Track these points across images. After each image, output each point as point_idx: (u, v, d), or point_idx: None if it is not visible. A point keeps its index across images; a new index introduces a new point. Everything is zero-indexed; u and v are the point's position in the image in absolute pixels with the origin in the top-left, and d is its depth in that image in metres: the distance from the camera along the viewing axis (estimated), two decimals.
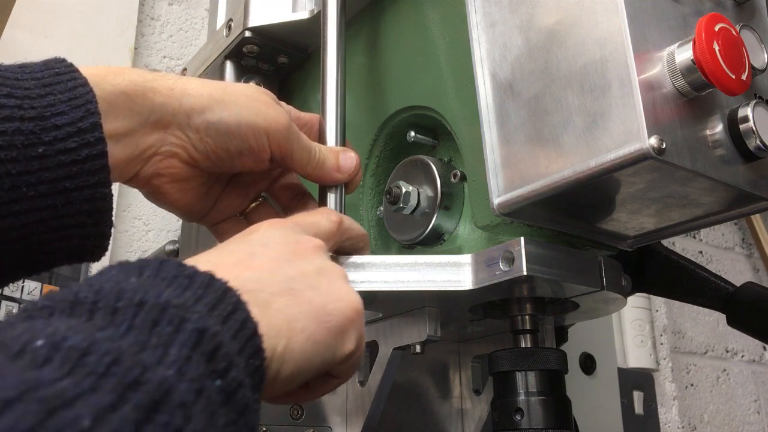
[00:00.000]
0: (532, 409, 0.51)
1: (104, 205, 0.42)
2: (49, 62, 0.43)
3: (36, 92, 0.41)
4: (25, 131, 0.39)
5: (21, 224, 0.39)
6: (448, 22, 0.57)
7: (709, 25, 0.42)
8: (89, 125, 0.41)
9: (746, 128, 0.44)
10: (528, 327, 0.54)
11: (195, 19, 1.17)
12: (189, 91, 0.47)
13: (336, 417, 0.61)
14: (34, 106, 0.40)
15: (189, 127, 0.47)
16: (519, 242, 0.47)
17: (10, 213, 0.39)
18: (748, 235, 1.91)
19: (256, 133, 0.48)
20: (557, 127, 0.45)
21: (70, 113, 0.40)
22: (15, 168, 0.39)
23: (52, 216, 0.40)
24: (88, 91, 0.42)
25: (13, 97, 0.40)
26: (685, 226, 0.51)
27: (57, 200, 0.40)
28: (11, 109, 0.39)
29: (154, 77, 0.46)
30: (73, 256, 0.43)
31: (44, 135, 0.40)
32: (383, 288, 0.50)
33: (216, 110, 0.47)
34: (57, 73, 0.42)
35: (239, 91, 0.49)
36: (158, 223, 1.05)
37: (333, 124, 0.55)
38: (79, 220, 0.41)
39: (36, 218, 0.40)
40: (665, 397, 1.53)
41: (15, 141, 0.39)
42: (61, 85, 0.41)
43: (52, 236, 0.41)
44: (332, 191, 0.53)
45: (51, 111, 0.40)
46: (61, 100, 0.41)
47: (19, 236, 0.40)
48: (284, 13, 0.71)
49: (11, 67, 0.42)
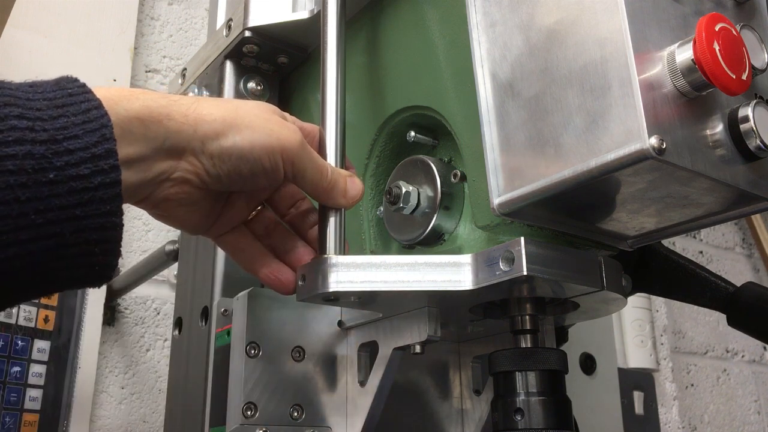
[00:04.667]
0: (532, 409, 0.51)
1: (114, 235, 0.40)
2: (60, 81, 0.42)
3: (48, 114, 0.39)
4: (36, 155, 0.37)
5: (26, 252, 0.38)
6: (448, 22, 0.57)
7: (710, 24, 0.42)
8: (104, 151, 0.39)
9: (747, 128, 0.44)
10: (528, 327, 0.54)
11: (195, 18, 1.17)
12: (204, 117, 0.46)
13: (336, 417, 0.61)
14: (46, 128, 0.38)
15: (203, 153, 0.46)
16: (519, 242, 0.47)
17: (16, 241, 0.37)
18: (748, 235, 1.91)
19: (270, 154, 0.48)
20: (557, 127, 0.45)
21: (83, 137, 0.39)
22: (24, 194, 0.37)
23: (59, 245, 0.38)
24: (103, 114, 0.40)
25: (25, 118, 0.38)
26: (686, 226, 0.51)
27: (65, 228, 0.38)
28: (23, 132, 0.37)
29: (168, 102, 0.45)
30: (76, 284, 0.42)
31: (56, 159, 0.38)
32: (383, 288, 0.50)
33: (229, 135, 0.46)
34: (70, 93, 0.41)
35: (251, 111, 0.48)
36: (158, 223, 1.05)
37: (333, 125, 0.55)
38: (87, 250, 0.40)
39: (42, 247, 0.38)
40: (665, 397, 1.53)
41: (25, 165, 0.37)
42: (74, 107, 0.40)
43: (57, 265, 0.39)
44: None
45: (64, 134, 0.39)
46: (74, 123, 0.39)
47: (23, 265, 0.38)
48: (284, 12, 0.71)
49: (22, 86, 0.40)
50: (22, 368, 0.84)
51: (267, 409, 0.58)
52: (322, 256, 0.51)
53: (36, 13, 0.97)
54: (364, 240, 0.65)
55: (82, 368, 0.90)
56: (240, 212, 0.54)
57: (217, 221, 0.53)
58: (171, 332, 0.82)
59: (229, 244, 0.55)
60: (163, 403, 0.92)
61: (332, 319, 0.63)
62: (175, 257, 0.82)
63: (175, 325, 0.76)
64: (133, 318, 1.01)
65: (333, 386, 0.62)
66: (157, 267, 0.89)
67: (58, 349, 0.88)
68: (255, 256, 0.54)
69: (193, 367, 0.70)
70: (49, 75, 0.43)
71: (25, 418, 0.83)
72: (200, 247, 0.75)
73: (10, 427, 0.82)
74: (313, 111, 0.74)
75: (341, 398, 0.61)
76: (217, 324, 0.65)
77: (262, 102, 0.52)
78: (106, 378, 0.96)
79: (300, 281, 0.52)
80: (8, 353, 0.83)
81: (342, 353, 0.62)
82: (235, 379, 0.59)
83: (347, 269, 0.50)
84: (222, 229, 0.54)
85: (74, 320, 0.90)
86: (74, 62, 0.99)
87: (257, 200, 0.55)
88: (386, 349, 0.57)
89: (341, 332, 0.63)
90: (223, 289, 0.70)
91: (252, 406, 0.58)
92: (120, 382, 0.98)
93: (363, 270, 0.50)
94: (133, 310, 1.01)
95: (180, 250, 0.81)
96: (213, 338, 0.66)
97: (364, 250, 0.64)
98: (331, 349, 0.63)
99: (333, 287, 0.50)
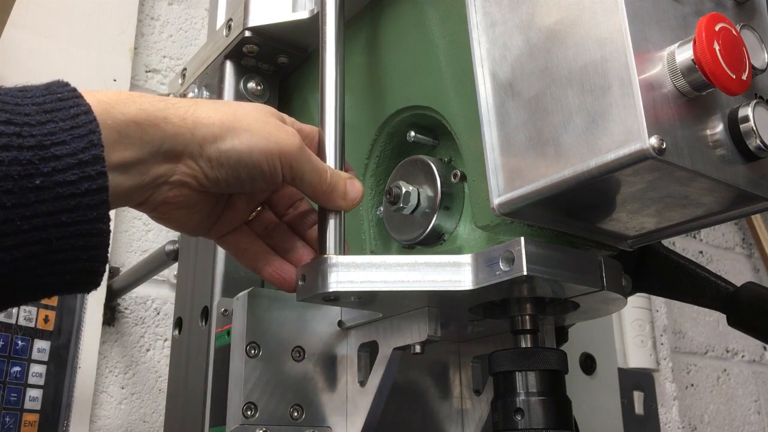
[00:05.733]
0: (532, 409, 0.51)
1: (101, 241, 0.40)
2: (51, 86, 0.41)
3: (36, 119, 0.39)
4: (23, 161, 0.37)
5: (11, 259, 0.37)
6: (448, 22, 0.57)
7: (710, 24, 0.42)
8: (91, 157, 0.39)
9: (747, 128, 0.44)
10: (528, 327, 0.54)
11: (195, 18, 1.17)
12: (201, 120, 0.46)
13: (336, 417, 0.61)
14: (33, 134, 0.38)
15: (201, 156, 0.46)
16: (519, 242, 0.47)
17: (2, 247, 0.37)
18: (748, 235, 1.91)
19: (268, 157, 0.48)
20: (557, 127, 0.45)
21: (71, 143, 0.39)
22: (10, 200, 0.37)
23: (45, 251, 0.38)
24: (91, 119, 0.40)
25: (12, 123, 0.38)
26: (686, 226, 0.51)
27: (51, 234, 0.38)
28: (9, 137, 0.37)
29: (166, 105, 0.45)
30: (63, 290, 0.41)
31: (43, 166, 0.38)
32: (383, 288, 0.50)
33: (227, 139, 0.46)
34: (59, 98, 0.40)
35: (249, 114, 0.48)
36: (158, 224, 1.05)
37: (332, 126, 0.55)
38: (73, 256, 0.39)
39: (28, 253, 0.38)
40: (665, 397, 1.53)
41: (11, 171, 0.37)
42: (63, 111, 0.40)
43: (43, 271, 0.39)
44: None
45: (51, 140, 0.38)
46: (62, 128, 0.39)
47: (8, 271, 0.38)
48: (284, 12, 0.71)
49: (11, 91, 0.40)
50: (22, 368, 0.84)
51: (267, 409, 0.58)
52: (322, 256, 0.51)
53: (36, 13, 0.97)
54: (364, 240, 0.65)
55: (82, 368, 0.90)
56: (240, 213, 0.54)
57: (217, 223, 0.53)
58: (171, 332, 0.82)
59: (231, 245, 0.55)
60: (163, 403, 0.92)
61: (332, 319, 0.63)
62: (175, 257, 0.82)
63: (175, 325, 0.76)
64: (133, 318, 1.01)
65: (333, 386, 0.62)
66: (157, 267, 0.89)
67: (58, 349, 0.88)
68: (257, 255, 0.54)
69: (193, 367, 0.70)
70: (49, 75, 0.43)
71: (25, 418, 0.83)
72: (200, 247, 0.75)
73: (10, 427, 0.82)
74: (313, 111, 0.74)
75: (341, 398, 0.61)
76: (217, 324, 0.65)
77: (261, 104, 0.52)
78: (106, 378, 0.96)
79: (300, 281, 0.52)
80: (8, 353, 0.83)
81: (342, 353, 0.62)
82: (235, 379, 0.59)
83: (347, 269, 0.50)
84: (223, 231, 0.54)
85: (74, 320, 0.90)
86: (74, 62, 0.99)
87: (257, 201, 0.55)
88: (386, 349, 0.57)
89: (341, 332, 0.63)
90: (223, 289, 0.70)
91: (252, 406, 0.58)
92: (120, 382, 0.98)
93: (363, 270, 0.50)
94: (133, 310, 1.01)
95: (180, 250, 0.81)
96: (213, 338, 0.66)
97: (364, 250, 0.64)
98: (331, 349, 0.63)
99: (333, 287, 0.50)
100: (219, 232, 0.54)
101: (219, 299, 0.68)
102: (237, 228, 0.55)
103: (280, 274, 0.54)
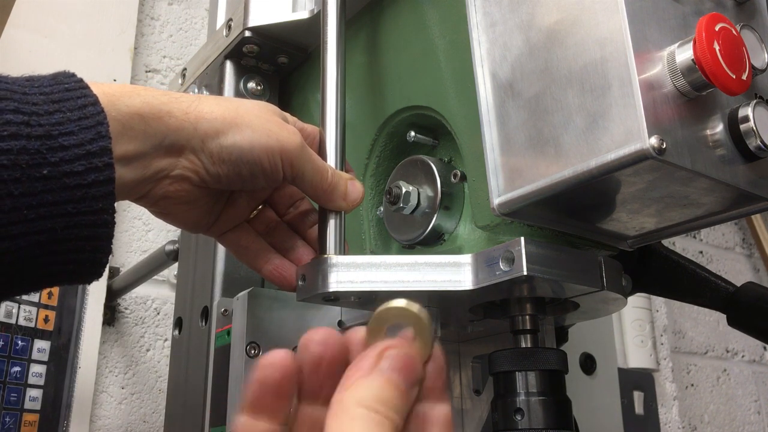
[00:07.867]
0: (532, 409, 0.51)
1: (105, 232, 0.40)
2: (57, 76, 0.42)
3: (44, 108, 0.39)
4: (31, 150, 0.37)
5: (17, 247, 0.38)
6: (448, 22, 0.57)
7: (710, 24, 0.42)
8: (98, 149, 0.39)
9: (747, 128, 0.44)
10: (528, 327, 0.54)
11: (195, 18, 1.17)
12: (204, 115, 0.46)
13: None
14: (41, 123, 0.38)
15: (203, 151, 0.46)
16: (519, 242, 0.47)
17: (8, 236, 0.37)
18: (748, 235, 1.91)
19: (269, 154, 0.48)
20: (557, 127, 0.45)
21: (79, 134, 0.39)
22: (17, 189, 0.37)
23: (50, 240, 0.38)
24: (99, 111, 0.40)
25: (21, 112, 0.38)
26: (686, 226, 0.51)
27: (57, 224, 0.38)
28: (18, 126, 0.37)
29: (170, 99, 0.45)
30: (66, 280, 0.42)
31: (50, 155, 0.38)
32: (383, 288, 0.50)
33: (229, 134, 0.46)
34: (67, 88, 0.40)
35: (251, 111, 0.48)
36: (158, 223, 1.05)
37: (333, 126, 0.55)
38: (78, 245, 0.40)
39: (33, 241, 0.38)
40: (665, 397, 1.53)
41: (19, 160, 0.37)
42: (70, 102, 0.40)
43: (48, 260, 0.39)
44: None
45: (59, 130, 0.38)
46: (70, 118, 0.39)
47: (14, 259, 0.38)
48: (284, 12, 0.71)
49: (18, 80, 0.40)
50: (22, 368, 0.84)
51: None
52: (322, 256, 0.51)
53: (36, 13, 0.97)
54: (364, 240, 0.65)
55: (82, 368, 0.90)
56: (241, 211, 0.54)
57: (218, 220, 0.53)
58: (171, 332, 0.82)
59: (232, 242, 0.55)
60: (163, 403, 0.92)
61: (332, 319, 0.63)
62: (175, 257, 0.82)
63: (175, 325, 0.76)
64: (133, 318, 1.01)
65: None
66: (157, 267, 0.89)
67: (58, 349, 0.88)
68: (258, 254, 0.54)
69: (193, 367, 0.70)
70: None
71: (25, 418, 0.83)
72: (200, 247, 0.75)
73: (10, 427, 0.82)
74: (313, 111, 0.74)
75: None
76: (217, 324, 0.65)
77: (263, 102, 0.52)
78: (106, 378, 0.96)
79: (300, 281, 0.52)
80: (8, 353, 0.83)
81: None
82: (235, 379, 0.59)
83: (347, 269, 0.50)
84: (223, 228, 0.54)
85: (74, 320, 0.90)
86: (74, 62, 0.99)
87: (258, 199, 0.55)
88: None
89: (341, 332, 0.63)
90: (223, 289, 0.70)
91: None
92: (120, 382, 0.98)
93: (363, 270, 0.50)
94: (133, 310, 1.01)
95: (180, 250, 0.81)
96: (213, 338, 0.66)
97: (364, 250, 0.64)
98: None
99: (333, 287, 0.50)
100: (220, 229, 0.54)
101: (219, 299, 0.68)
102: (238, 226, 0.55)
103: (280, 272, 0.54)
